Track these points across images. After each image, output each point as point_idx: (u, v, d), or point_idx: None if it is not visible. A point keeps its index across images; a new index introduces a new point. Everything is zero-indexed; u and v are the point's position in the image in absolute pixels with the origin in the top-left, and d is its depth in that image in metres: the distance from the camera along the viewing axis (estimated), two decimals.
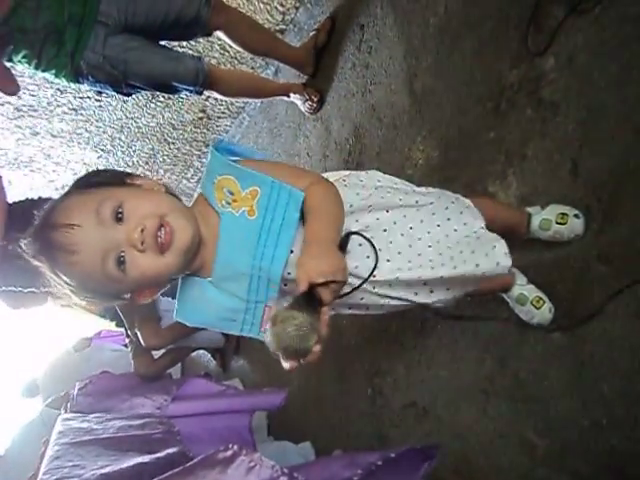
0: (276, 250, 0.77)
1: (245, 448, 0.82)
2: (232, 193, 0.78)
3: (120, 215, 0.72)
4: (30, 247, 0.73)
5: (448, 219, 0.95)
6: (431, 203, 0.96)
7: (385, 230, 0.89)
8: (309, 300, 0.66)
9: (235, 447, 0.81)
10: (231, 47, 2.18)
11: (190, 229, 0.75)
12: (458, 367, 1.44)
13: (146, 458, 1.08)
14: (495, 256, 0.94)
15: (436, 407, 1.52)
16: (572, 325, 1.11)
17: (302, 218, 0.79)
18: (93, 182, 0.78)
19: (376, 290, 0.87)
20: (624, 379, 1.03)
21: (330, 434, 2.02)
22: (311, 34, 2.18)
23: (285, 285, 0.81)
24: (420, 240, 0.91)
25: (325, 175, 0.91)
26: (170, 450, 1.16)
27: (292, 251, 0.78)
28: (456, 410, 1.44)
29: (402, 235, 0.90)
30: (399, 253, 0.88)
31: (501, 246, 0.95)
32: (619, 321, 1.04)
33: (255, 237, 0.77)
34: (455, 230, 0.95)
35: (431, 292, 0.92)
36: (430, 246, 0.91)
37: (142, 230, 0.71)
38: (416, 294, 0.91)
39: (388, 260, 0.86)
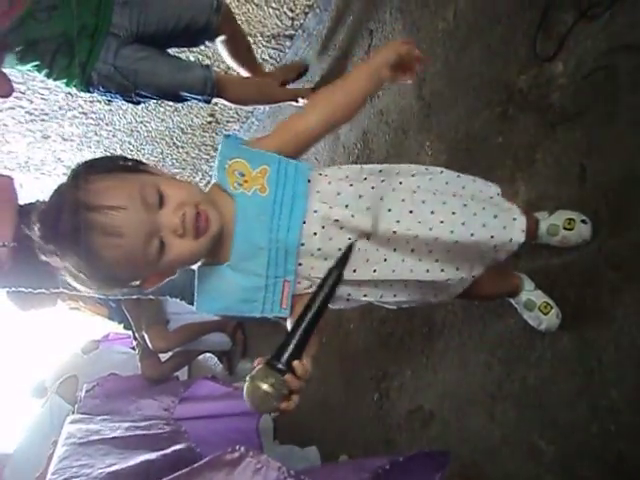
0: (290, 221, 0.81)
1: (252, 450, 0.82)
2: (243, 174, 0.81)
3: (161, 200, 0.74)
4: (49, 231, 0.72)
5: (463, 187, 0.94)
6: (441, 172, 0.95)
7: (394, 189, 0.89)
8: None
9: (242, 449, 0.82)
10: None
11: (218, 216, 0.78)
12: (465, 371, 1.44)
13: (153, 455, 1.08)
14: (513, 230, 0.91)
15: (443, 412, 1.51)
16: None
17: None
18: (119, 166, 0.79)
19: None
20: (633, 385, 1.02)
21: (336, 438, 2.01)
22: (283, 65, 2.28)
23: (300, 265, 0.83)
24: (435, 204, 0.89)
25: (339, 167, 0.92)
26: (177, 447, 1.16)
27: (305, 222, 0.81)
28: (463, 415, 1.44)
29: (423, 201, 0.88)
30: (410, 212, 0.86)
31: (520, 222, 0.93)
32: (627, 327, 1.03)
33: (269, 211, 0.80)
34: (472, 197, 0.93)
35: (442, 271, 0.90)
36: (447, 206, 0.89)
37: (183, 215, 0.74)
38: (428, 271, 0.89)
39: (398, 221, 0.85)
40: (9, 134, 2.65)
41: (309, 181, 0.85)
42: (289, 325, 0.82)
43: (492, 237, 0.89)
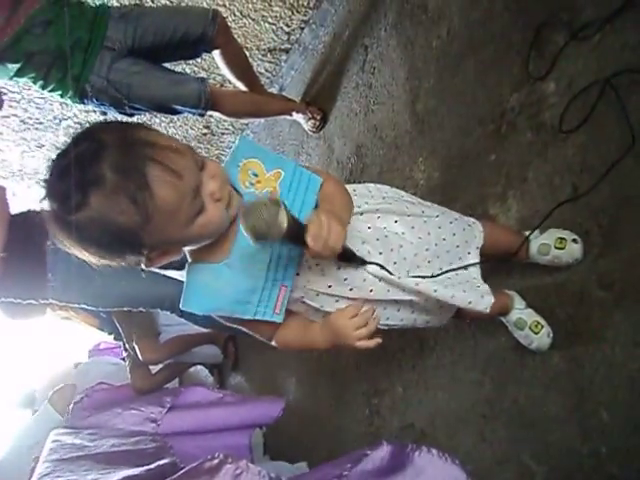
0: None
1: (231, 456, 0.81)
2: (256, 175, 0.82)
3: (202, 165, 0.75)
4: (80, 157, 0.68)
5: (453, 234, 0.98)
6: (437, 216, 0.98)
7: (387, 236, 0.91)
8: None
9: (221, 455, 0.81)
10: None
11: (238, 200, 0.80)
12: (457, 389, 1.43)
13: (136, 471, 1.07)
14: (487, 303, 0.96)
15: (434, 430, 1.50)
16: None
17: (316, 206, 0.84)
18: None
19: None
20: (624, 407, 1.01)
21: (327, 454, 1.99)
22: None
23: (297, 274, 0.83)
24: (427, 251, 0.94)
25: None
26: (161, 462, 1.15)
27: None
28: (454, 433, 1.42)
29: (411, 243, 0.92)
30: (404, 259, 0.90)
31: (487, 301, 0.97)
32: (619, 348, 1.03)
33: None
34: (457, 247, 0.98)
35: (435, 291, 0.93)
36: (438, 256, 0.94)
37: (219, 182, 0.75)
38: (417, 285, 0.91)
39: (395, 262, 0.89)
40: (3, 142, 2.64)
41: None
42: None
43: (470, 303, 0.94)
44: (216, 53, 1.87)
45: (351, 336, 0.73)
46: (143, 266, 0.76)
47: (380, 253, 0.88)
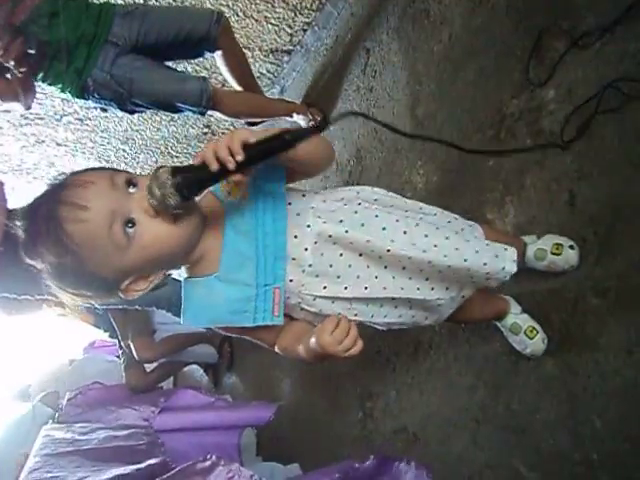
0: (275, 224, 0.80)
1: (223, 459, 0.81)
2: (228, 181, 0.80)
3: (133, 183, 0.73)
4: (28, 216, 0.72)
5: (456, 232, 0.94)
6: (435, 214, 0.96)
7: (389, 213, 0.89)
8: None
9: (214, 457, 0.81)
10: None
11: (200, 209, 0.77)
12: (450, 393, 1.43)
13: (127, 469, 1.06)
14: (505, 259, 0.92)
15: (427, 433, 1.50)
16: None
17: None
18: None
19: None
20: (616, 415, 1.02)
21: (319, 456, 1.99)
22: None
23: (291, 281, 0.82)
24: (429, 228, 0.90)
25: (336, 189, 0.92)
26: (151, 461, 1.15)
27: (296, 236, 0.81)
28: (447, 437, 1.42)
29: (417, 225, 0.89)
30: (404, 233, 0.86)
31: (512, 252, 0.93)
32: (612, 355, 1.03)
33: (253, 218, 0.80)
34: (462, 229, 0.96)
35: (432, 289, 0.91)
36: (440, 231, 0.90)
37: None
38: (418, 289, 0.89)
39: (393, 240, 0.84)
40: (3, 137, 2.64)
41: (304, 195, 0.86)
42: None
43: (485, 264, 0.90)
44: (218, 54, 1.88)
45: (337, 351, 0.72)
46: (122, 296, 0.77)
47: (362, 225, 0.85)
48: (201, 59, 2.28)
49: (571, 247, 1.10)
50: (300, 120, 2.26)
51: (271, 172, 0.81)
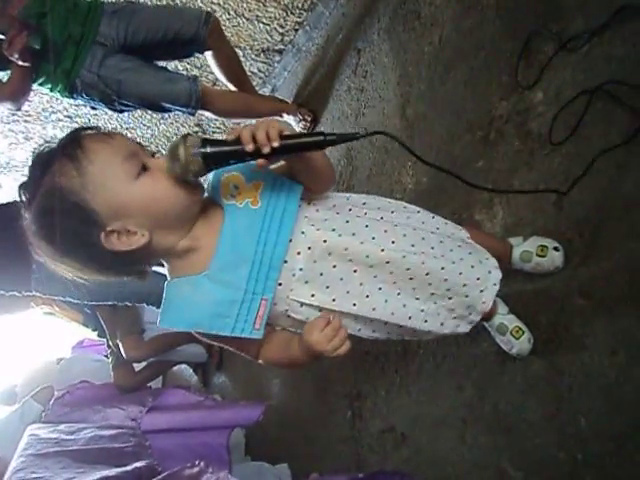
0: (279, 236, 0.80)
1: (212, 465, 0.80)
2: (237, 187, 0.82)
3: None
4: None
5: (437, 227, 0.97)
6: (418, 212, 0.97)
7: (378, 221, 0.91)
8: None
9: (202, 464, 0.80)
10: None
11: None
12: (438, 393, 1.43)
13: (112, 472, 1.05)
14: (488, 265, 0.95)
15: (415, 433, 1.50)
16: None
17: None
18: None
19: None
20: (601, 415, 1.03)
21: (308, 456, 1.99)
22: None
23: (280, 285, 0.81)
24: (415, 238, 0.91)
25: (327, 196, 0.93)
26: (138, 464, 1.13)
27: (290, 240, 0.81)
28: (435, 437, 1.43)
29: (404, 235, 0.90)
30: (392, 242, 0.87)
31: (496, 276, 0.97)
32: (597, 356, 1.04)
33: (259, 223, 0.80)
34: (451, 235, 0.97)
35: (425, 322, 0.91)
36: (425, 241, 0.92)
37: None
38: (410, 318, 0.89)
39: (382, 250, 0.86)
40: None
41: (299, 205, 0.84)
42: None
43: (472, 267, 0.92)
44: (208, 54, 1.87)
45: (326, 350, 0.73)
46: (106, 245, 0.74)
47: (354, 234, 0.86)
48: (192, 57, 2.28)
49: (556, 249, 1.11)
50: (290, 120, 2.26)
51: (290, 188, 0.82)
